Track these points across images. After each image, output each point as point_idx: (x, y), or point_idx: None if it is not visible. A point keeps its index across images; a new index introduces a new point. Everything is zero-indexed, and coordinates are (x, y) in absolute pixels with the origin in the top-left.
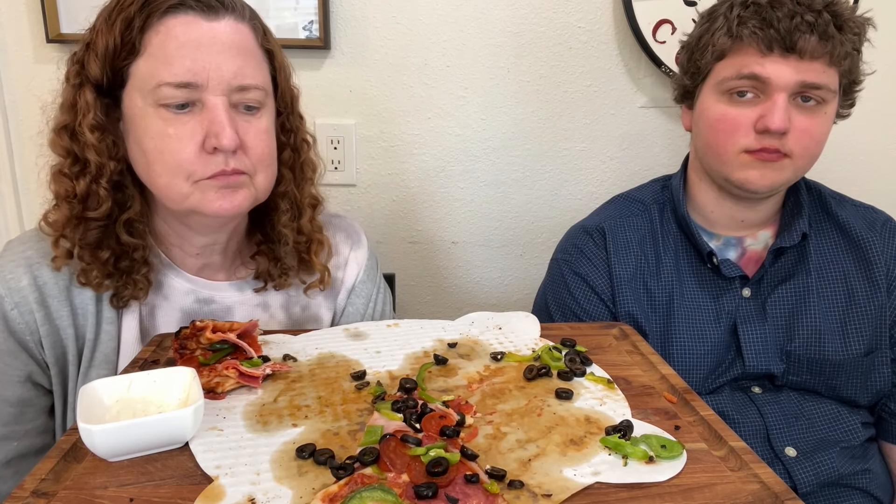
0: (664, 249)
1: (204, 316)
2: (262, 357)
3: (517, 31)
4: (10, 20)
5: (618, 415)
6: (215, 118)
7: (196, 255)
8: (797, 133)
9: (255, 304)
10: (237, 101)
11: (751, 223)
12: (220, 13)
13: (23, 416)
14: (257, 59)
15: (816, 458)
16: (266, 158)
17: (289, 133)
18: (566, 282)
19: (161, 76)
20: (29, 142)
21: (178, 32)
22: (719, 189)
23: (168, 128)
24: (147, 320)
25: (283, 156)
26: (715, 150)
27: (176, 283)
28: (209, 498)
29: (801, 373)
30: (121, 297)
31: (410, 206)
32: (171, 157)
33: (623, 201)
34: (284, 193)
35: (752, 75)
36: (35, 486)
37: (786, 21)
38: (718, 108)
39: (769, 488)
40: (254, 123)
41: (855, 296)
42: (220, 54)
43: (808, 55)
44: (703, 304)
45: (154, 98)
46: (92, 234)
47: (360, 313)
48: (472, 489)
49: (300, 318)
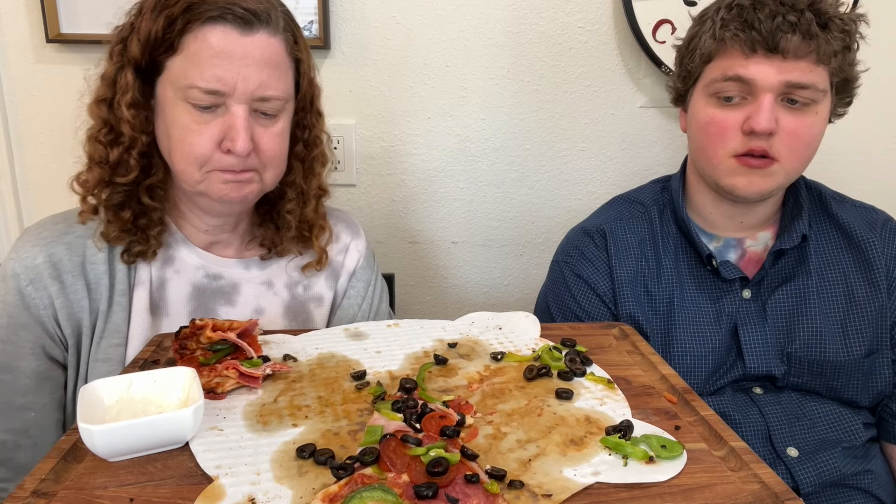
0: (664, 251)
1: (212, 292)
2: (262, 357)
3: (517, 31)
4: (10, 20)
5: (618, 415)
6: (234, 124)
7: (205, 231)
8: (784, 134)
9: (260, 282)
10: (257, 108)
11: (750, 224)
12: (254, 28)
13: (40, 389)
14: (283, 70)
15: (818, 458)
16: (276, 158)
17: (304, 129)
18: (567, 284)
19: (192, 79)
20: (29, 142)
21: (213, 42)
22: (716, 192)
23: (192, 123)
24: (157, 293)
25: (296, 149)
26: (706, 153)
27: (187, 258)
28: (209, 498)
29: (801, 374)
30: (131, 253)
31: (410, 206)
32: (189, 148)
33: (623, 203)
34: (292, 183)
35: (736, 77)
36: (35, 486)
37: (767, 22)
38: (707, 112)
39: (769, 488)
40: (270, 128)
41: (855, 297)
42: (247, 67)
43: (791, 55)
44: (703, 306)
45: (184, 95)
46: (117, 197)
47: (361, 296)
48: (473, 489)
49: (303, 297)
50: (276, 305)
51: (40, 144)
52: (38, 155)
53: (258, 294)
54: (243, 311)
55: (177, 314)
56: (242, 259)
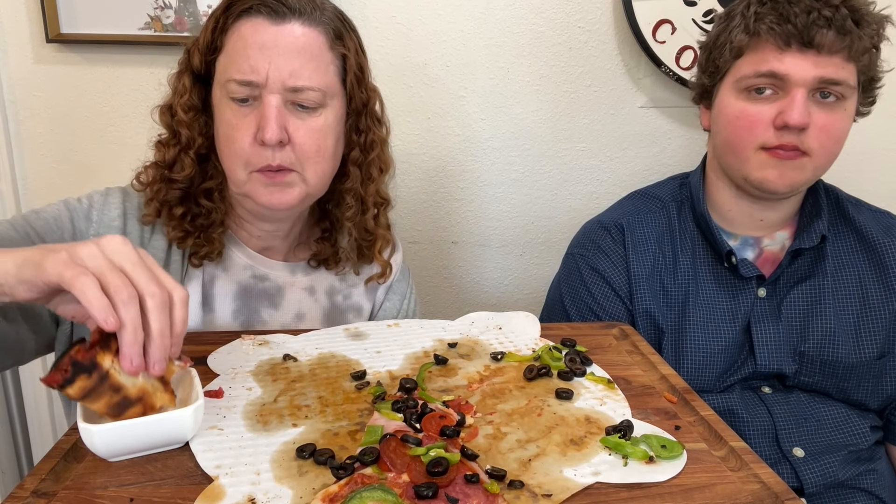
0: (681, 247)
1: (257, 293)
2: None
3: (517, 31)
4: (10, 20)
5: (618, 415)
6: (264, 114)
7: (258, 236)
8: (816, 129)
9: (303, 287)
10: (292, 99)
11: (770, 223)
12: (286, 18)
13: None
14: (320, 62)
15: (824, 459)
16: (313, 155)
17: (360, 133)
18: (583, 277)
19: (230, 73)
20: (29, 142)
21: (246, 34)
22: (738, 189)
23: (233, 118)
24: (207, 287)
25: (352, 154)
26: (734, 147)
27: (236, 257)
28: (209, 498)
29: (813, 374)
30: (198, 255)
31: (410, 206)
32: (232, 144)
33: (641, 198)
34: (350, 189)
35: (770, 72)
36: (35, 486)
37: (803, 16)
38: (738, 106)
39: (769, 488)
40: (307, 122)
41: (869, 299)
42: (279, 56)
43: (826, 50)
44: (718, 304)
45: (226, 91)
46: (172, 194)
47: (396, 309)
48: (473, 489)
49: (342, 305)
50: (317, 311)
51: (40, 144)
52: (38, 155)
53: (300, 299)
54: (285, 315)
55: (222, 311)
56: (289, 263)
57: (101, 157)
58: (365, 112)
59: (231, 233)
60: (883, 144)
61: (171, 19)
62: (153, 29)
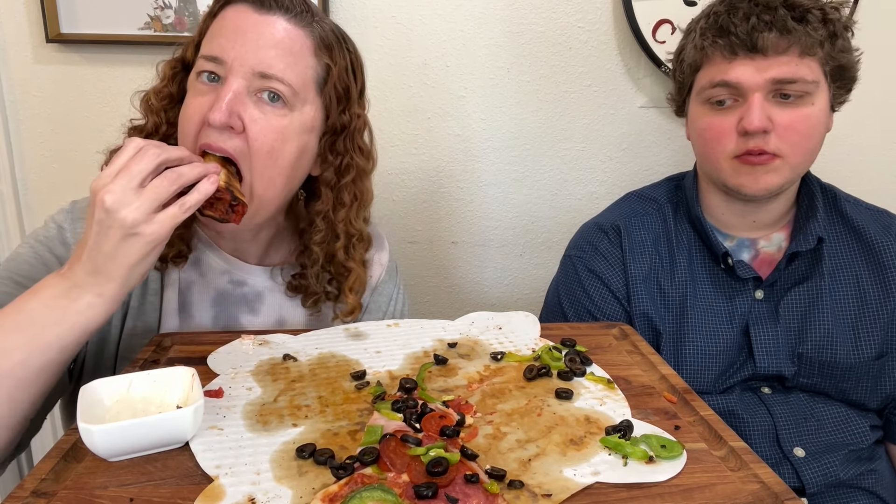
0: (678, 249)
1: (235, 299)
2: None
3: (517, 31)
4: (9, 20)
5: (618, 415)
6: (219, 93)
7: (226, 237)
8: (781, 130)
9: (283, 292)
10: (259, 87)
11: (763, 224)
12: (272, 10)
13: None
14: (297, 60)
15: (824, 459)
16: (264, 155)
17: (337, 155)
18: (580, 279)
19: (202, 51)
20: (29, 142)
21: (228, 17)
22: (725, 193)
23: (192, 95)
24: (184, 294)
25: (325, 175)
26: (707, 158)
27: (213, 262)
28: (209, 498)
29: (811, 375)
30: (163, 258)
31: (410, 206)
32: (185, 123)
33: (637, 199)
34: (320, 212)
35: (722, 82)
36: (35, 486)
37: (743, 24)
38: (704, 119)
39: (769, 488)
40: (268, 116)
41: (867, 300)
42: (253, 42)
43: (772, 52)
44: (716, 305)
45: (196, 70)
46: None
47: (382, 311)
48: (472, 489)
49: (326, 309)
50: (298, 317)
51: (40, 144)
52: (38, 155)
53: (281, 304)
54: (266, 321)
55: (200, 317)
56: (266, 267)
57: (101, 157)
58: (345, 135)
59: (203, 236)
60: (883, 144)
61: (171, 19)
62: (153, 29)
